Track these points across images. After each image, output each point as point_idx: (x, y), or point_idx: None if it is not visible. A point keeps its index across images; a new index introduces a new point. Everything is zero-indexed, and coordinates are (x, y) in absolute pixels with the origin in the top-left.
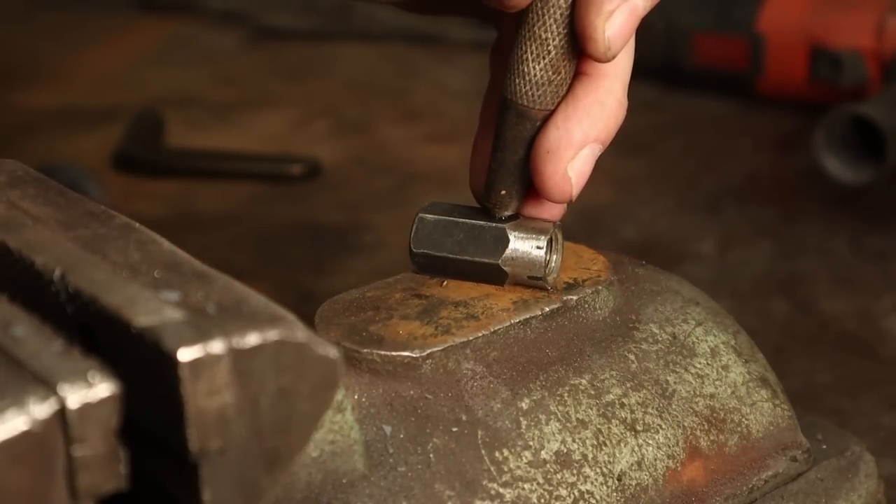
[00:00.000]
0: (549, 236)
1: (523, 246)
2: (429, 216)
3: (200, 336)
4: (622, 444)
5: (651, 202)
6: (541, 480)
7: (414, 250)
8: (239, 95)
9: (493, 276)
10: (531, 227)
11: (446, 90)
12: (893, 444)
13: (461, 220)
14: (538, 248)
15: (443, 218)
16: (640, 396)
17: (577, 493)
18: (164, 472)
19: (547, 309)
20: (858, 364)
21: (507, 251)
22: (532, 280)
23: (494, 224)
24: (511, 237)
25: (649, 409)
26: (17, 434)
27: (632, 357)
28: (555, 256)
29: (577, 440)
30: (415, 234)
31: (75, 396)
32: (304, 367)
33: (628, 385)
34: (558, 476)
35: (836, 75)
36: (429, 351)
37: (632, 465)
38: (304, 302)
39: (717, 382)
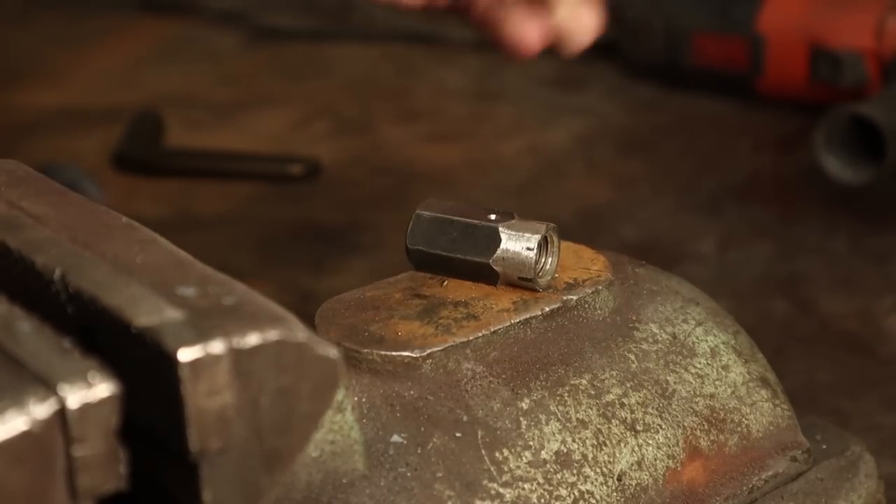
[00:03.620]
0: (540, 237)
1: (515, 246)
2: (425, 213)
3: (200, 336)
4: (622, 444)
5: (651, 202)
6: (541, 480)
7: (409, 247)
8: (239, 95)
9: (485, 275)
10: (525, 227)
11: (446, 90)
12: (893, 444)
13: (456, 217)
14: (528, 248)
15: (439, 215)
16: (640, 396)
17: (577, 493)
18: (164, 472)
19: (547, 309)
20: (858, 364)
21: (499, 251)
22: (523, 281)
23: (488, 223)
24: (503, 237)
25: (649, 409)
26: (17, 434)
27: (632, 357)
28: (549, 259)
29: (577, 440)
30: (410, 231)
31: (75, 396)
32: (304, 367)
33: (628, 385)
34: (558, 476)
35: (836, 75)
36: (429, 351)
37: (632, 464)
38: (304, 302)
39: (717, 382)
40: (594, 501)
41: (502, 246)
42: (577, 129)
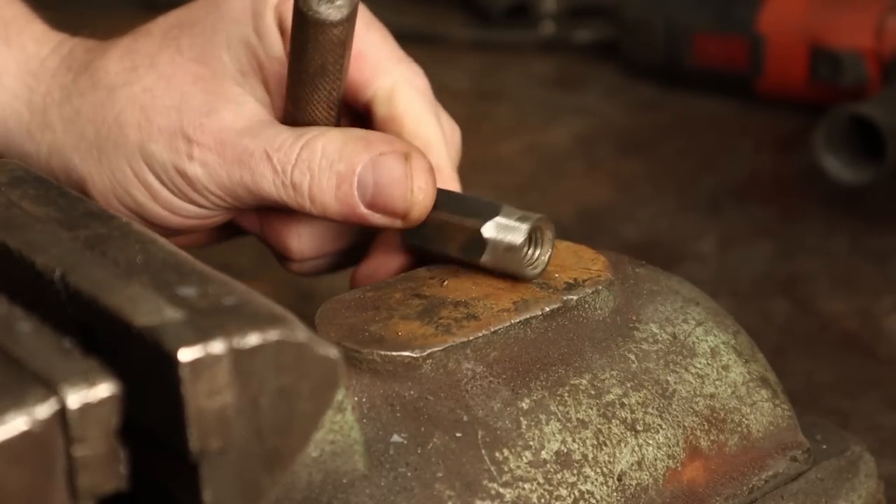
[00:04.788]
0: (534, 219)
1: (510, 222)
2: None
3: (201, 336)
4: (622, 444)
5: (651, 202)
6: (541, 480)
7: (405, 242)
8: None
9: (473, 245)
10: (523, 214)
11: (446, 90)
12: (893, 444)
13: (444, 218)
14: (523, 220)
15: (444, 188)
16: (640, 396)
17: (577, 493)
18: (164, 472)
19: (547, 309)
20: (858, 364)
21: (493, 221)
22: (507, 260)
23: (490, 201)
24: (502, 211)
25: (649, 409)
26: (17, 434)
27: (632, 357)
28: (538, 250)
29: (577, 440)
30: (404, 229)
31: (75, 396)
32: (304, 367)
33: (628, 385)
34: (558, 476)
35: (836, 75)
36: (429, 351)
37: (632, 464)
38: (304, 302)
39: (717, 382)
40: (594, 501)
41: (498, 218)
42: (577, 129)
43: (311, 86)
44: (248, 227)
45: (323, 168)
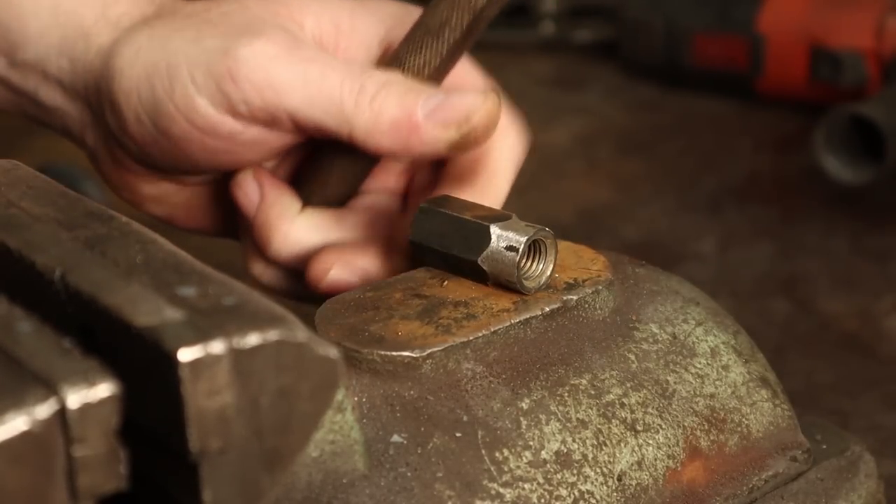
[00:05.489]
0: (526, 239)
1: (501, 246)
2: (429, 207)
3: (201, 336)
4: (622, 444)
5: (651, 202)
6: (541, 480)
7: (412, 240)
8: None
9: (476, 273)
10: (516, 228)
11: None
12: (893, 444)
13: (454, 214)
14: (512, 249)
15: (440, 210)
16: (640, 396)
17: (577, 493)
18: (164, 472)
19: (547, 309)
20: (858, 364)
21: (487, 251)
22: (509, 283)
23: (480, 222)
24: (493, 237)
25: (649, 409)
26: (17, 434)
27: (632, 357)
28: (539, 265)
29: (577, 440)
30: (414, 225)
31: (75, 396)
32: (304, 367)
33: (628, 385)
34: (558, 476)
35: (836, 75)
36: (429, 351)
37: (632, 465)
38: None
39: (717, 382)
40: (594, 501)
41: (490, 245)
42: (577, 129)
43: (416, 44)
44: (243, 206)
45: (400, 83)
